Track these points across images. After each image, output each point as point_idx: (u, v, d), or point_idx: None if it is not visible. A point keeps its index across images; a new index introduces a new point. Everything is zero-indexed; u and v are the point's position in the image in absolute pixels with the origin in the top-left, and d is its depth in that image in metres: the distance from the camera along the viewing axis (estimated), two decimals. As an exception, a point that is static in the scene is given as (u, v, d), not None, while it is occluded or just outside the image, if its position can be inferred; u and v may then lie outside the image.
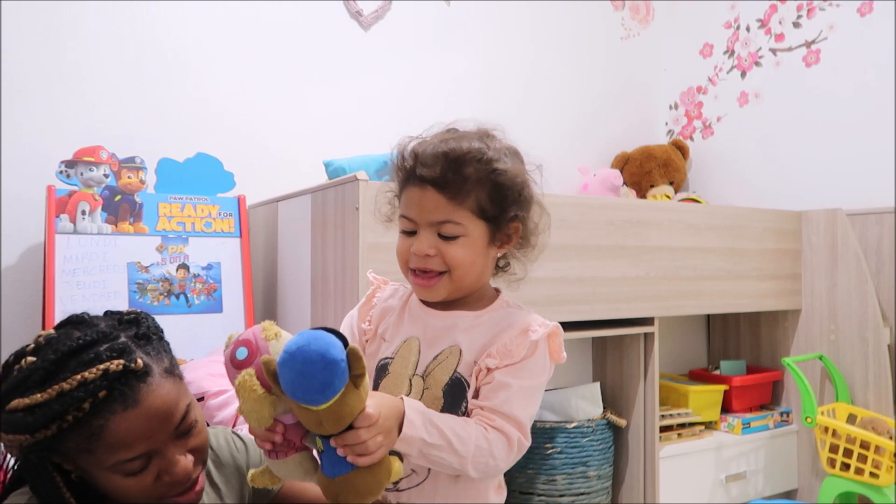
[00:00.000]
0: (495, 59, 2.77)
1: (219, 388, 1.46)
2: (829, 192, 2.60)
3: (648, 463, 2.16)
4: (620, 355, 2.25)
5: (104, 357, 0.86)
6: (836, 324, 2.39)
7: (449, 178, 0.95)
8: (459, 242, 0.97)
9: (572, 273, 1.95)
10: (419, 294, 1.03)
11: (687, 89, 3.13)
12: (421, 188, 0.97)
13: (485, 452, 0.91)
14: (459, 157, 0.96)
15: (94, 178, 1.84)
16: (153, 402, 0.88)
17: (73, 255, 1.78)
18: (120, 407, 0.85)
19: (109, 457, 0.87)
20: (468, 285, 1.02)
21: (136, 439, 0.87)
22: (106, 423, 0.85)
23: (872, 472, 2.10)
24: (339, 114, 2.43)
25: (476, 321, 1.01)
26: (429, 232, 0.97)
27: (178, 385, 0.93)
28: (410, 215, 0.99)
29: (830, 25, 2.64)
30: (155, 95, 2.14)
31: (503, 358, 0.96)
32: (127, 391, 0.86)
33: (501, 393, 0.95)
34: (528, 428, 0.97)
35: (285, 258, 1.97)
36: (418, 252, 0.97)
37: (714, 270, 2.25)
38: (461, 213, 0.96)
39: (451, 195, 0.96)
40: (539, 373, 0.99)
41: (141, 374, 0.87)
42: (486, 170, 0.97)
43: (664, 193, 2.86)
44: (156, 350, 0.93)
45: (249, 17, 2.29)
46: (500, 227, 1.01)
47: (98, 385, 0.84)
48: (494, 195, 0.98)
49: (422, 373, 1.00)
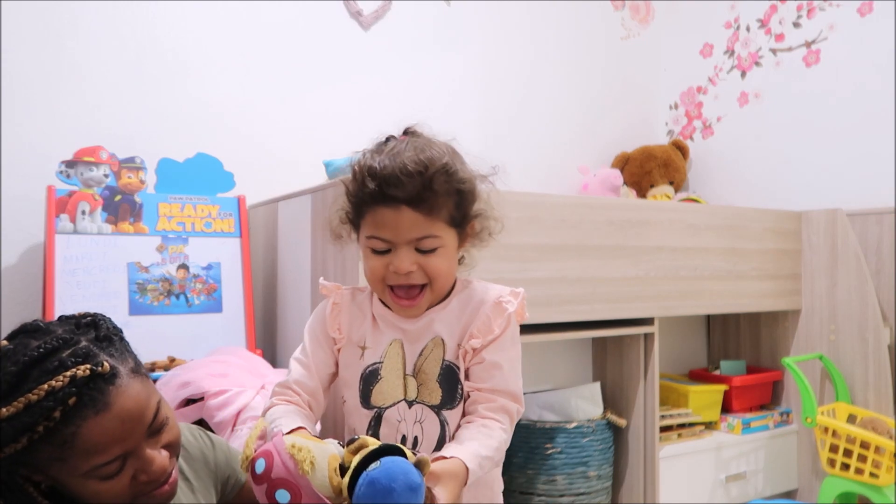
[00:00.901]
0: (495, 59, 2.78)
1: (219, 388, 1.46)
2: (829, 192, 2.60)
3: (648, 463, 2.16)
4: (620, 355, 2.25)
5: (69, 363, 0.84)
6: (836, 324, 2.39)
7: (423, 195, 0.96)
8: (438, 254, 1.00)
9: (572, 273, 1.95)
10: (402, 313, 1.05)
11: (687, 89, 3.13)
12: (394, 209, 0.96)
13: (506, 441, 1.00)
14: (430, 175, 0.96)
15: (94, 178, 1.84)
16: (124, 403, 0.86)
17: (73, 255, 1.78)
18: (91, 412, 0.83)
19: (84, 463, 0.85)
20: (444, 292, 1.06)
21: (110, 443, 0.85)
22: (78, 429, 0.83)
23: (872, 472, 2.10)
24: (339, 114, 2.43)
25: (446, 309, 1.05)
26: (406, 249, 0.98)
27: (146, 383, 0.92)
28: (384, 236, 0.98)
29: (830, 25, 2.64)
30: (155, 95, 2.14)
31: (486, 335, 1.02)
32: (97, 395, 0.84)
33: (496, 373, 1.01)
34: (522, 396, 1.04)
35: (285, 258, 1.97)
36: (400, 270, 0.98)
37: (714, 270, 2.25)
38: (437, 225, 0.99)
39: (426, 211, 0.97)
40: (517, 340, 1.06)
41: (109, 376, 0.86)
42: (452, 180, 0.99)
43: (664, 193, 2.86)
44: (119, 351, 0.91)
45: (249, 17, 2.29)
46: (464, 229, 1.05)
47: (67, 392, 0.82)
48: (460, 202, 1.01)
49: (412, 372, 1.04)
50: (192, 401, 1.48)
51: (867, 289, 2.30)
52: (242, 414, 1.42)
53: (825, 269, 2.42)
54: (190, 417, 1.45)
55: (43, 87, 1.99)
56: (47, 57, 2.00)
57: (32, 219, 1.95)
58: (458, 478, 0.90)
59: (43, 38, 1.99)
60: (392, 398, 1.03)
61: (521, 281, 1.84)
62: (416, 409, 1.03)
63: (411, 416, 1.03)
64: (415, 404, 1.03)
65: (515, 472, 2.06)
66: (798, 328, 2.51)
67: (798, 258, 2.48)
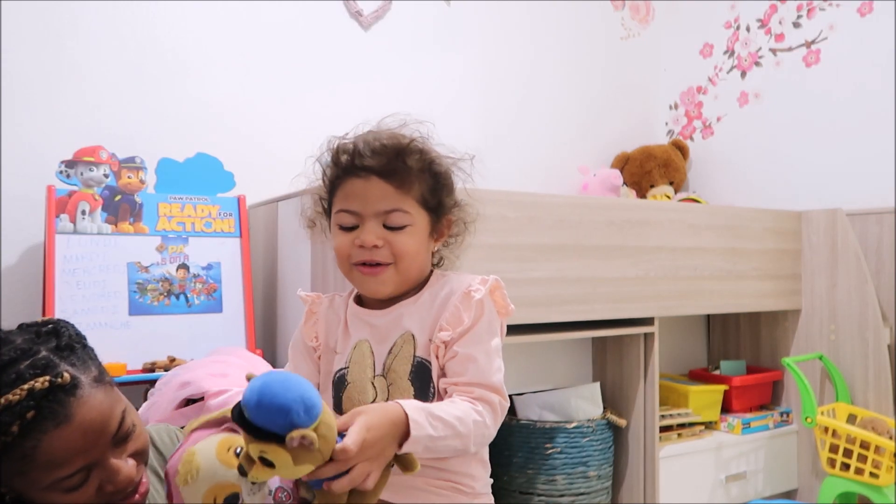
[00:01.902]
0: (495, 59, 2.77)
1: (219, 388, 1.46)
2: (829, 192, 2.60)
3: (648, 463, 2.16)
4: (620, 355, 2.25)
5: (27, 375, 0.81)
6: (836, 324, 2.39)
7: (395, 166, 0.96)
8: (407, 232, 0.97)
9: (572, 273, 1.95)
10: (365, 287, 1.01)
11: (687, 89, 3.13)
12: (364, 179, 0.96)
13: (481, 425, 0.91)
14: (403, 147, 0.97)
15: (94, 178, 1.84)
16: (86, 414, 0.83)
17: (73, 255, 1.78)
18: (51, 425, 0.81)
19: (45, 476, 0.82)
20: (412, 278, 1.01)
21: (72, 455, 0.83)
22: (38, 443, 0.80)
23: (872, 472, 2.10)
24: (339, 114, 2.40)
25: (417, 302, 1.01)
26: (374, 223, 0.96)
27: (109, 392, 0.89)
28: (353, 208, 0.97)
29: (830, 25, 2.64)
30: (155, 95, 2.14)
31: (455, 326, 0.96)
32: (57, 407, 0.81)
33: (470, 366, 0.95)
34: (503, 388, 0.97)
35: (285, 258, 1.97)
36: (365, 243, 0.95)
37: (714, 270, 2.25)
38: (408, 201, 0.97)
39: (397, 184, 0.96)
40: (493, 331, 0.99)
41: (69, 387, 0.83)
42: (426, 160, 0.99)
43: (664, 193, 2.86)
44: (81, 360, 0.88)
45: (249, 17, 2.29)
46: (438, 219, 1.02)
47: (25, 406, 0.79)
48: (434, 186, 1.00)
49: (381, 372, 0.99)
50: (192, 401, 1.48)
51: (867, 289, 2.30)
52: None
53: (825, 269, 2.42)
54: (190, 417, 1.45)
55: (43, 87, 1.99)
56: (47, 57, 2.00)
57: (32, 219, 1.94)
58: (387, 416, 0.83)
59: (43, 38, 1.99)
60: (361, 404, 0.98)
61: (521, 281, 1.84)
62: None
63: None
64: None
65: (515, 472, 2.06)
66: (798, 328, 2.51)
67: (798, 258, 2.48)
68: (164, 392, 1.49)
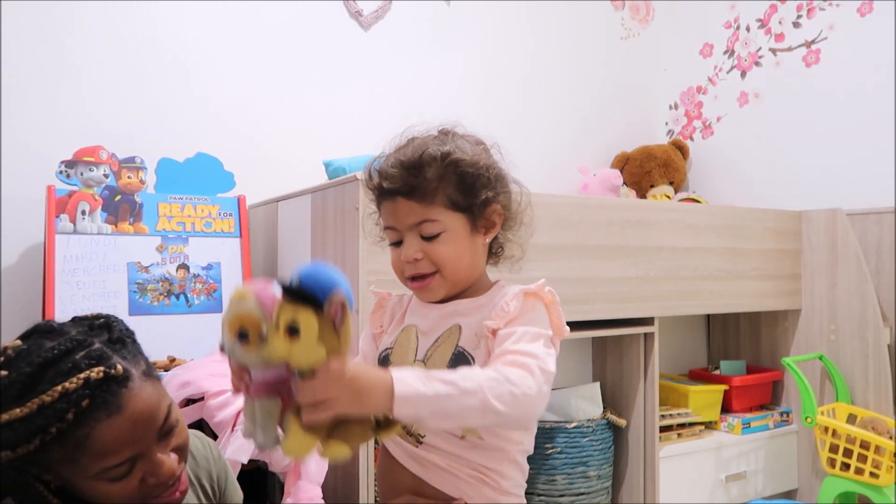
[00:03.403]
0: (495, 59, 2.77)
1: (219, 388, 1.46)
2: (829, 192, 2.60)
3: (648, 463, 2.16)
4: (620, 355, 2.25)
5: (83, 365, 0.84)
6: (836, 324, 2.39)
7: (413, 183, 0.99)
8: (442, 240, 1.00)
9: (572, 273, 1.95)
10: (420, 297, 1.06)
11: (687, 89, 3.13)
12: (392, 200, 1.01)
13: (500, 381, 0.85)
14: (415, 162, 0.99)
15: (94, 178, 1.84)
16: (136, 406, 0.86)
17: (73, 255, 1.78)
18: (104, 414, 0.84)
19: (94, 465, 0.85)
20: (463, 278, 1.03)
21: (121, 445, 0.85)
22: (91, 431, 0.83)
23: (872, 472, 2.10)
24: (339, 114, 2.43)
25: (474, 304, 1.03)
26: (411, 236, 1.00)
27: (157, 387, 0.92)
28: (391, 225, 1.02)
29: (830, 25, 2.64)
30: (155, 95, 2.14)
31: (501, 318, 0.97)
32: (109, 398, 0.84)
33: (507, 339, 0.93)
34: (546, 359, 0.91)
35: (285, 258, 1.97)
36: (406, 258, 1.00)
37: (714, 270, 2.25)
38: (434, 210, 0.99)
39: (419, 198, 0.99)
40: (542, 323, 0.97)
41: (122, 379, 0.86)
42: (445, 164, 1.00)
43: (664, 193, 2.86)
44: (131, 353, 0.91)
45: (249, 16, 2.29)
46: (477, 214, 1.03)
47: (80, 394, 0.82)
48: (461, 185, 1.01)
49: (422, 357, 1.01)
50: (193, 401, 1.48)
51: (867, 289, 2.30)
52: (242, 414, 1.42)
53: (825, 269, 2.42)
54: (190, 417, 1.45)
55: (43, 87, 1.99)
56: (47, 57, 2.00)
57: (32, 219, 1.95)
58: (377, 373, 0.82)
59: (43, 39, 1.99)
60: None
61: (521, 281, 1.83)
62: None
63: None
64: None
65: (515, 472, 2.06)
66: (798, 328, 2.51)
67: (798, 258, 2.48)
68: (164, 392, 1.49)
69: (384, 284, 1.39)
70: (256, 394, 0.83)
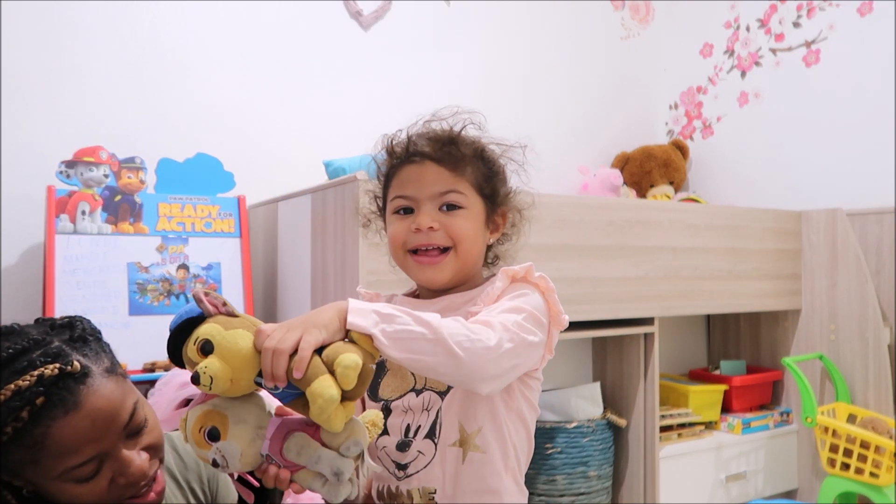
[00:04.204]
0: (495, 59, 2.77)
1: (219, 388, 1.46)
2: (829, 192, 2.60)
3: (648, 463, 2.16)
4: (620, 355, 2.25)
5: (38, 363, 0.82)
6: (836, 324, 2.39)
7: (448, 151, 0.97)
8: (462, 214, 0.97)
9: (572, 273, 1.95)
10: (422, 275, 0.98)
11: (687, 89, 3.13)
12: (419, 164, 0.97)
13: (459, 327, 0.83)
14: (454, 136, 0.99)
15: (94, 178, 1.84)
16: (95, 402, 0.84)
17: (73, 255, 1.78)
18: (60, 412, 0.82)
19: (56, 465, 0.83)
20: (468, 266, 0.99)
21: (82, 443, 0.83)
22: (48, 430, 0.81)
23: (872, 472, 2.10)
24: (339, 114, 2.43)
25: (466, 296, 0.98)
26: (430, 206, 0.96)
27: (121, 383, 0.89)
28: (408, 192, 0.97)
29: (830, 25, 2.64)
30: (155, 95, 2.14)
31: (487, 301, 0.93)
32: (66, 394, 0.82)
33: (483, 312, 0.90)
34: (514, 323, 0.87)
35: (285, 258, 1.97)
36: (421, 225, 0.95)
37: (714, 270, 2.25)
38: (462, 183, 0.97)
39: (451, 167, 0.97)
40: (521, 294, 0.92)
41: (79, 375, 0.84)
42: (479, 147, 1.00)
43: (664, 193, 2.86)
44: (94, 351, 0.89)
45: (249, 16, 2.29)
46: (493, 209, 1.02)
47: (34, 392, 0.80)
48: (488, 174, 1.01)
49: None
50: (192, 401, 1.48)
51: (867, 289, 2.30)
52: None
53: (825, 269, 2.42)
54: (190, 417, 1.45)
55: (43, 87, 1.99)
56: (47, 57, 2.00)
57: (32, 219, 1.95)
58: (323, 309, 0.80)
59: (43, 39, 1.99)
60: (399, 390, 1.00)
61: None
62: (424, 396, 0.99)
63: (418, 404, 0.99)
64: (423, 392, 0.99)
65: (515, 472, 2.06)
66: (798, 328, 2.51)
67: (798, 258, 2.48)
68: (164, 392, 1.49)
69: (385, 285, 1.39)
70: (285, 441, 0.81)
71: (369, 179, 1.60)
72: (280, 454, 0.82)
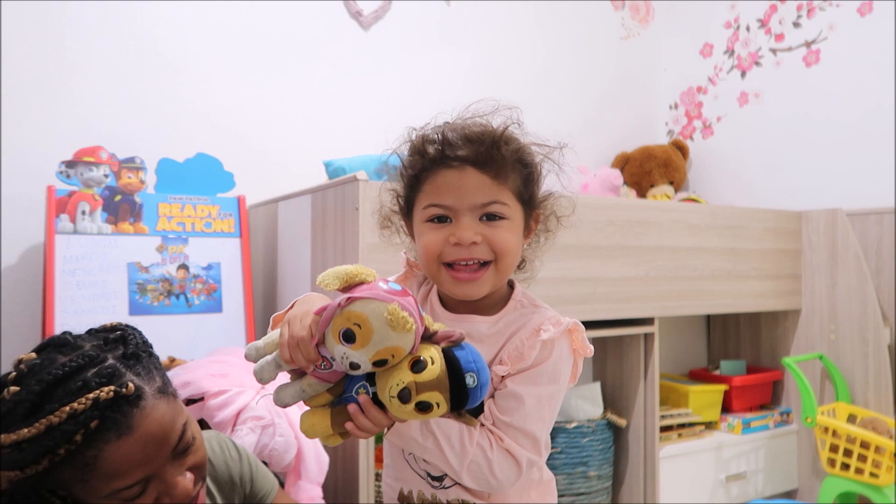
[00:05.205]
0: (495, 59, 2.78)
1: (219, 389, 1.46)
2: (829, 192, 2.60)
3: (648, 463, 2.16)
4: (620, 355, 2.25)
5: (93, 384, 0.82)
6: (836, 324, 2.39)
7: (490, 155, 0.87)
8: (505, 226, 0.88)
9: (572, 273, 1.95)
10: (458, 291, 0.90)
11: (687, 89, 3.13)
12: (458, 170, 0.87)
13: (483, 470, 0.85)
14: (497, 135, 0.89)
15: (94, 178, 1.84)
16: (148, 426, 0.84)
17: (73, 255, 1.78)
18: (113, 436, 0.82)
19: (104, 486, 0.83)
20: (506, 277, 0.93)
21: (132, 467, 0.83)
22: (99, 453, 0.81)
23: (872, 472, 2.10)
24: (339, 114, 2.43)
25: (492, 329, 0.92)
26: (470, 217, 0.87)
27: (172, 404, 0.89)
28: (446, 202, 0.88)
29: (830, 25, 2.64)
30: (155, 96, 2.14)
31: (515, 362, 0.88)
32: (119, 418, 0.82)
33: (514, 405, 0.87)
34: (541, 441, 0.89)
35: (285, 258, 1.97)
36: (462, 240, 0.86)
37: (714, 270, 2.25)
38: (505, 192, 0.88)
39: (493, 174, 0.87)
40: (555, 377, 0.90)
41: (133, 398, 0.83)
42: (520, 149, 0.91)
43: (664, 193, 2.86)
44: (146, 369, 0.89)
45: (249, 16, 2.29)
46: (529, 213, 0.94)
47: (88, 415, 0.80)
48: (527, 177, 0.92)
49: None
50: (193, 401, 1.48)
51: (867, 289, 2.30)
52: (242, 414, 1.42)
53: (825, 269, 2.42)
54: (190, 417, 1.45)
55: (43, 87, 1.99)
56: (47, 57, 2.00)
57: (32, 219, 1.95)
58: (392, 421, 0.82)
59: (43, 39, 1.99)
60: None
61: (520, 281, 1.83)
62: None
63: None
64: None
65: (515, 472, 2.06)
66: (798, 328, 2.51)
67: (798, 258, 2.48)
68: (164, 392, 1.49)
69: (384, 284, 1.38)
70: (319, 377, 0.82)
71: (369, 180, 1.60)
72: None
